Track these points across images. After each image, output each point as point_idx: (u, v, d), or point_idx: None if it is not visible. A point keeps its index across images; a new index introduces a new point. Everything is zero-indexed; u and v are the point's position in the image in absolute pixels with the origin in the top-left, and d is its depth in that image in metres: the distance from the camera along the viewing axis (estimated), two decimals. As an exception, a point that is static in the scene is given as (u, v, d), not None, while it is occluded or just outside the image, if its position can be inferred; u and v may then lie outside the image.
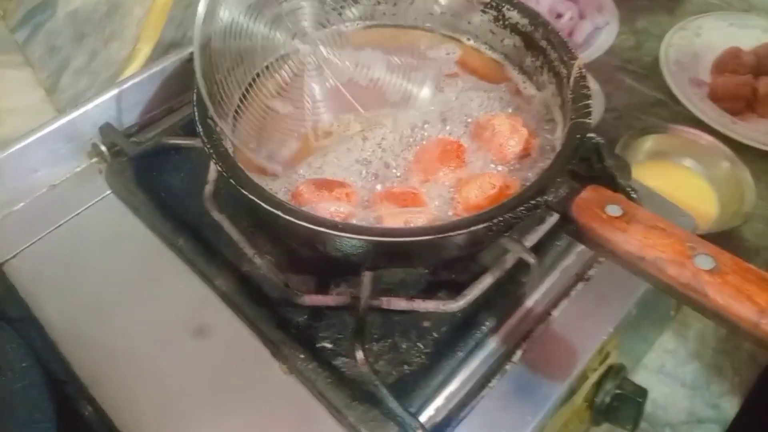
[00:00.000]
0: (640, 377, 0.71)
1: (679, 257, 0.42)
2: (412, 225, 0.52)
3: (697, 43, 0.99)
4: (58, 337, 0.57)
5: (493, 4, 0.65)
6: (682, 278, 0.41)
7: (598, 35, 0.97)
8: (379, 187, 0.57)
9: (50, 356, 0.54)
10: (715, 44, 0.98)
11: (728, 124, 0.87)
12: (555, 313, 0.59)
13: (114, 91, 0.70)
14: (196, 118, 0.52)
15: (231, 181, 0.48)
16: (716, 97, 0.91)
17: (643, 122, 0.89)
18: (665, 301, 0.69)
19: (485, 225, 0.46)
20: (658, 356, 0.72)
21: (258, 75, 0.64)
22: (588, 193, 0.47)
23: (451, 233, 0.46)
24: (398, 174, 0.58)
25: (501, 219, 0.47)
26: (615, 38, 0.96)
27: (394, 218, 0.52)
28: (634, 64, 0.98)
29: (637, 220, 0.44)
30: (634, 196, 0.59)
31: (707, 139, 0.84)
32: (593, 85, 0.82)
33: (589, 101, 0.55)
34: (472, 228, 0.46)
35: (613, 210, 0.45)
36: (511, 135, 0.58)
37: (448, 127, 0.61)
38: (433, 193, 0.56)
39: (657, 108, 0.92)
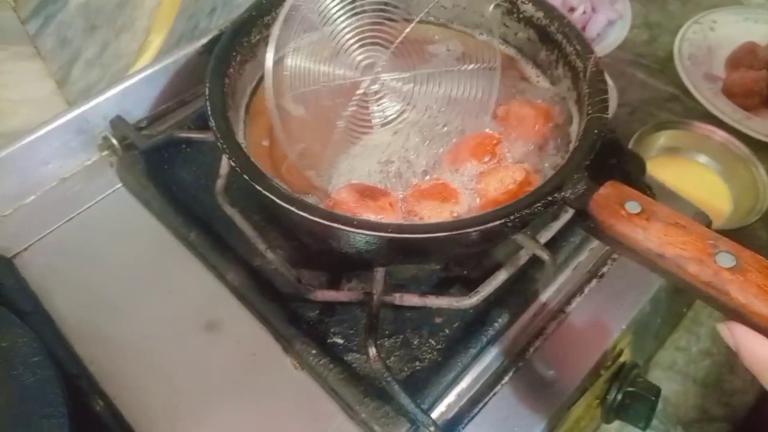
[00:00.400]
0: (651, 374, 0.70)
1: (700, 255, 0.41)
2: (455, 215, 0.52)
3: (711, 38, 0.98)
4: (68, 331, 0.57)
5: (508, -3, 0.64)
6: (704, 276, 0.41)
7: (611, 29, 0.96)
8: (401, 189, 0.56)
9: (61, 350, 0.54)
10: (729, 39, 0.97)
11: (743, 120, 0.86)
12: (568, 310, 0.58)
13: (125, 84, 0.70)
14: (209, 112, 0.51)
15: (245, 176, 0.47)
16: (731, 93, 0.90)
17: (657, 117, 0.89)
18: (678, 298, 0.69)
19: (501, 222, 0.46)
20: (669, 353, 0.72)
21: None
22: (606, 190, 0.46)
23: (467, 230, 0.45)
24: (420, 170, 0.58)
25: (517, 216, 0.46)
26: (628, 32, 0.95)
27: (439, 214, 0.52)
28: (648, 58, 0.97)
29: (656, 217, 0.44)
30: (650, 192, 0.59)
31: (721, 135, 0.83)
32: (607, 78, 0.81)
33: (606, 96, 0.54)
34: (488, 225, 0.46)
35: (633, 207, 0.44)
36: (535, 114, 0.58)
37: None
38: (457, 184, 0.56)
39: (670, 103, 0.91)
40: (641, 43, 0.99)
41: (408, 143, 0.59)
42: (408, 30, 0.62)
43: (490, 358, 0.55)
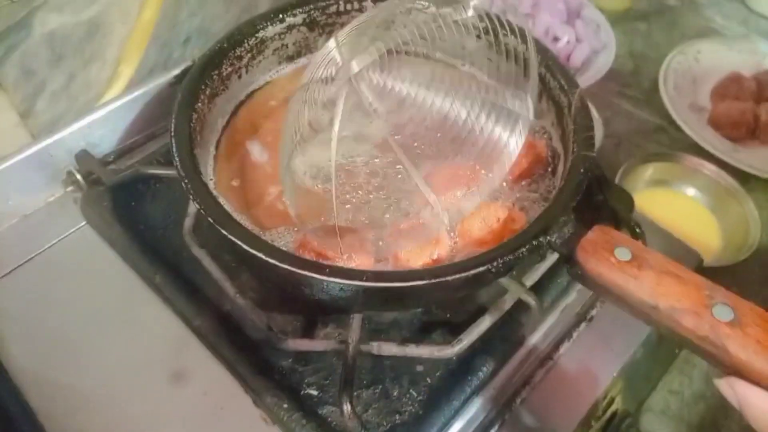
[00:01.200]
0: (644, 419, 0.67)
1: (695, 307, 0.39)
2: (435, 258, 0.49)
3: (696, 68, 0.97)
4: (23, 382, 0.53)
5: (489, 29, 0.62)
6: (700, 331, 0.38)
7: (595, 59, 0.94)
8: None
9: (14, 405, 0.50)
10: (714, 69, 0.96)
11: (730, 151, 0.85)
12: (556, 356, 0.55)
13: (92, 116, 0.66)
14: (174, 149, 0.49)
15: (209, 219, 0.44)
16: (717, 124, 0.89)
17: (643, 149, 0.87)
18: (669, 339, 0.66)
19: (483, 269, 0.43)
20: (662, 397, 0.69)
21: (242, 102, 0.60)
22: (594, 234, 0.44)
23: (448, 278, 0.42)
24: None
25: (500, 262, 0.43)
26: (613, 62, 0.93)
27: (417, 259, 0.49)
28: (633, 89, 0.96)
29: (648, 264, 0.41)
30: (639, 231, 0.57)
31: (710, 167, 0.81)
32: (592, 111, 0.79)
33: (592, 132, 0.52)
34: (470, 272, 0.43)
35: (623, 253, 0.42)
36: None
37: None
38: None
39: (657, 134, 0.90)
40: (626, 73, 0.98)
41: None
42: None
43: (474, 410, 0.52)
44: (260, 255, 0.42)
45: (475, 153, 0.48)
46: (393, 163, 0.55)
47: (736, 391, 0.38)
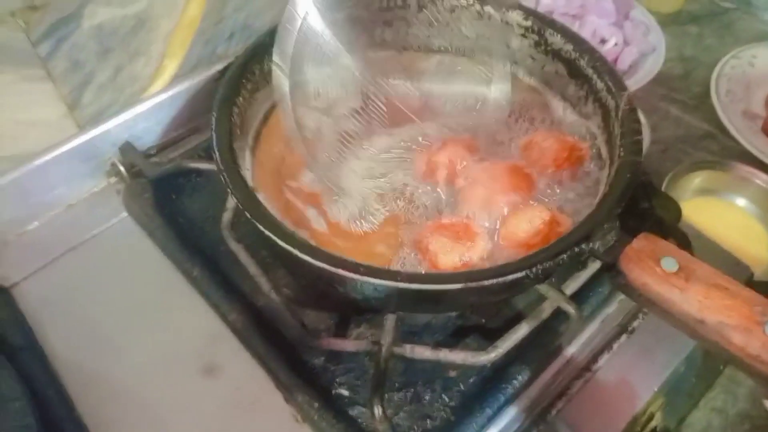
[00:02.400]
0: (684, 438, 0.65)
1: (746, 323, 0.37)
2: (465, 260, 0.48)
3: (750, 74, 0.93)
4: (61, 369, 0.54)
5: (535, 28, 0.61)
6: (750, 349, 0.36)
7: (644, 62, 0.91)
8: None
9: (50, 390, 0.51)
10: (770, 75, 0.92)
11: (785, 161, 0.81)
12: (594, 368, 0.54)
13: (136, 109, 0.68)
14: (214, 144, 0.49)
15: (246, 213, 0.44)
16: (771, 132, 0.85)
17: (691, 156, 0.84)
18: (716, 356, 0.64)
19: (521, 274, 0.42)
20: (704, 415, 0.66)
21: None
22: (640, 243, 0.42)
23: (485, 282, 0.41)
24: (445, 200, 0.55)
25: (540, 267, 0.42)
26: (662, 66, 0.90)
27: (446, 255, 0.48)
28: (682, 93, 0.92)
29: (696, 276, 0.39)
30: (686, 241, 0.54)
31: (762, 177, 0.78)
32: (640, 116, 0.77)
33: (640, 137, 0.51)
34: (509, 277, 0.42)
35: (669, 264, 0.40)
36: (558, 147, 0.55)
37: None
38: (479, 223, 0.52)
39: (706, 141, 0.86)
40: (675, 77, 0.95)
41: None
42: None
43: (507, 420, 0.51)
44: (294, 251, 0.42)
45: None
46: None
47: None
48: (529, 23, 0.61)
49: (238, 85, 0.54)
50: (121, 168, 0.65)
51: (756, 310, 0.37)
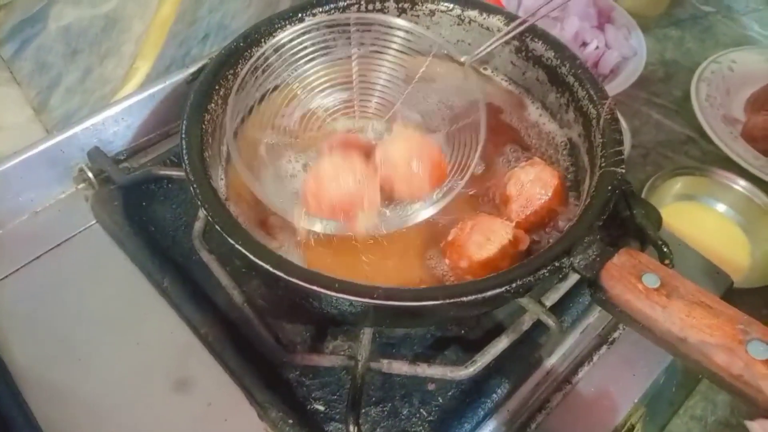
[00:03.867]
0: (664, 446, 0.64)
1: (728, 342, 0.36)
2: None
3: (730, 78, 0.93)
4: (25, 385, 0.52)
5: (516, 33, 0.60)
6: (733, 369, 0.36)
7: (625, 66, 0.91)
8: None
9: (14, 409, 0.49)
10: (750, 80, 0.92)
11: (764, 166, 0.81)
12: (575, 380, 0.53)
13: (106, 113, 0.65)
14: (183, 151, 0.47)
15: (216, 226, 0.43)
16: (751, 137, 0.85)
17: (672, 161, 0.83)
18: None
19: (501, 290, 0.41)
20: (684, 423, 0.66)
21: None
22: (621, 258, 0.41)
23: (463, 298, 0.40)
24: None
25: (519, 283, 0.41)
26: (643, 69, 0.90)
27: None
28: (663, 98, 0.92)
29: (678, 293, 0.39)
30: (667, 251, 0.54)
31: (742, 183, 0.78)
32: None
33: (622, 147, 0.50)
34: (488, 293, 0.41)
35: (651, 280, 0.39)
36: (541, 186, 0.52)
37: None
38: None
39: (687, 146, 0.86)
40: (657, 81, 0.94)
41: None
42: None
43: (486, 435, 0.50)
44: (267, 267, 0.41)
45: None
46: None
47: None
48: (510, 28, 0.60)
49: (210, 91, 0.52)
50: (90, 174, 0.63)
51: (739, 329, 0.36)
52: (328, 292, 0.40)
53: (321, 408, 0.50)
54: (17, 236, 0.62)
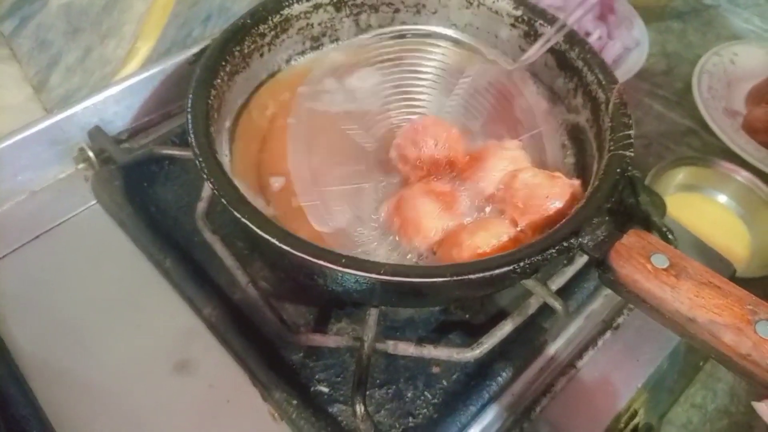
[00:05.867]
0: (664, 434, 0.65)
1: (737, 322, 0.36)
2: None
3: (731, 71, 0.93)
4: (25, 365, 0.51)
5: (525, 18, 0.60)
6: (742, 348, 0.36)
7: (627, 57, 0.91)
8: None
9: (13, 388, 0.48)
10: (751, 72, 0.92)
11: (764, 158, 0.81)
12: (579, 364, 0.53)
13: (107, 92, 0.64)
14: (189, 126, 0.47)
15: (223, 200, 0.42)
16: (752, 129, 0.85)
17: (673, 152, 0.83)
18: (695, 350, 0.63)
19: (510, 268, 0.41)
20: (684, 411, 0.66)
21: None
22: (630, 239, 0.41)
23: (470, 276, 0.40)
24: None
25: (528, 262, 0.41)
26: (645, 61, 0.90)
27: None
28: (665, 89, 0.92)
29: (687, 274, 0.38)
30: (671, 237, 0.54)
31: (744, 174, 0.78)
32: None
33: (630, 131, 0.50)
34: (495, 271, 0.40)
35: (660, 260, 0.39)
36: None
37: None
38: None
39: (688, 137, 0.86)
40: (658, 72, 0.95)
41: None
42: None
43: (491, 417, 0.50)
44: (273, 240, 0.40)
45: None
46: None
47: None
48: (519, 13, 0.60)
49: (216, 66, 0.51)
50: (90, 153, 0.62)
51: (747, 309, 0.36)
52: (335, 267, 0.39)
53: (325, 389, 0.50)
54: (16, 216, 0.61)
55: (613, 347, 0.54)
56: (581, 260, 0.53)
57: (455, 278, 0.40)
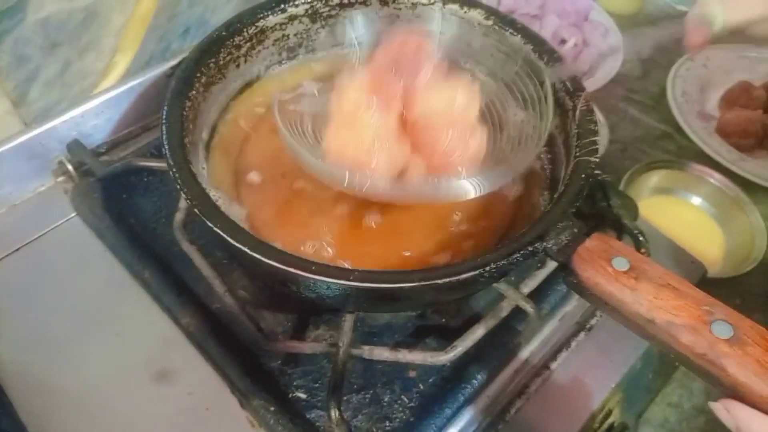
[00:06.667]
0: (641, 433, 0.66)
1: (693, 322, 0.37)
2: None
3: (704, 75, 0.95)
4: (5, 377, 0.51)
5: (496, 27, 0.61)
6: (698, 348, 0.37)
7: (603, 63, 0.92)
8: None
9: (-7, 400, 0.49)
10: (723, 77, 0.94)
11: (737, 161, 0.83)
12: (553, 365, 0.54)
13: (86, 106, 0.65)
14: (164, 137, 0.47)
15: (195, 210, 0.43)
16: (725, 133, 0.87)
17: (649, 155, 0.85)
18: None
19: (476, 272, 0.42)
20: (661, 410, 0.67)
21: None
22: (593, 243, 0.42)
23: (438, 281, 0.41)
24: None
25: (494, 266, 0.42)
26: (620, 66, 0.91)
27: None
28: (640, 94, 0.94)
29: (647, 276, 0.40)
30: (642, 240, 0.55)
31: (717, 177, 0.80)
32: (598, 115, 0.78)
33: (596, 137, 0.51)
34: (462, 276, 0.41)
35: (620, 263, 0.40)
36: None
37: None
38: None
39: (663, 141, 0.88)
40: (634, 78, 0.96)
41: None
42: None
43: (467, 419, 0.50)
44: (244, 249, 0.41)
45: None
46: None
47: (734, 415, 0.36)
48: (489, 23, 0.61)
49: (191, 78, 0.52)
50: (69, 166, 0.63)
51: (704, 309, 0.37)
52: (305, 274, 0.40)
53: (303, 396, 0.51)
54: (-5, 230, 0.62)
55: (586, 348, 0.55)
56: (553, 263, 0.54)
57: (423, 283, 0.41)
